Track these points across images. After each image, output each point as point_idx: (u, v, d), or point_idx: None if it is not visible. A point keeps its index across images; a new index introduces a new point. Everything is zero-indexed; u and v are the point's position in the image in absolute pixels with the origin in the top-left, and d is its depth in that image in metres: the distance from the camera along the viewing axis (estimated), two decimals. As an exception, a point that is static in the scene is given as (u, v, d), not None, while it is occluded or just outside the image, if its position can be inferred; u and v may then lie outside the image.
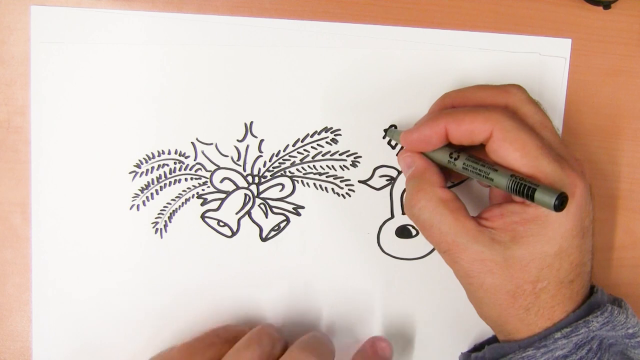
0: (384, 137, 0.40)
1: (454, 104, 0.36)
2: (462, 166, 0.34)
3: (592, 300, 0.34)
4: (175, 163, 0.40)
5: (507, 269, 0.32)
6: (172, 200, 0.40)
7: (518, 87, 0.35)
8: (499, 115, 0.32)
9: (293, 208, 0.40)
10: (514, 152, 0.31)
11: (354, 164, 0.40)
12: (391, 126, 0.40)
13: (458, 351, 0.40)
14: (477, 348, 0.39)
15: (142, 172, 0.39)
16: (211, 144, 0.40)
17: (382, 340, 0.39)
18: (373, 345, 0.39)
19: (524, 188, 0.30)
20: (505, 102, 0.34)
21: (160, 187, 0.40)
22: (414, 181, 0.35)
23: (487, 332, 0.40)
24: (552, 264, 0.32)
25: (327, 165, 0.40)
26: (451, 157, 0.34)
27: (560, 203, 0.30)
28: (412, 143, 0.35)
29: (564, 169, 0.32)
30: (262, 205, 0.40)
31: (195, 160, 0.40)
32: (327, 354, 0.36)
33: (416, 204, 0.34)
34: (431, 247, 0.41)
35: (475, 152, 0.34)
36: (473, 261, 0.32)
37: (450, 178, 0.40)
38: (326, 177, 0.40)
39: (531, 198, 0.30)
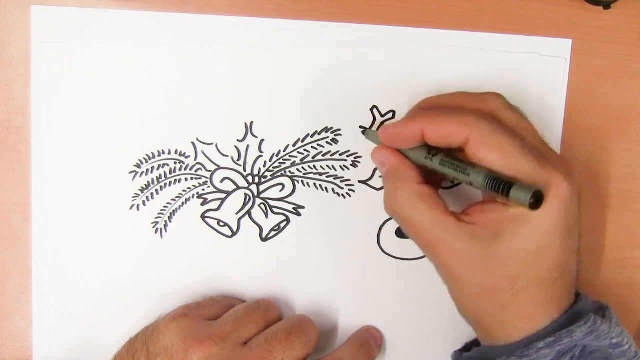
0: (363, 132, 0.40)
1: (431, 108, 0.36)
2: (439, 163, 0.34)
3: (576, 309, 0.33)
4: (175, 163, 0.40)
5: (486, 265, 0.32)
6: (172, 200, 0.40)
7: (496, 95, 0.35)
8: (475, 119, 0.32)
9: (293, 208, 0.40)
10: (492, 154, 0.31)
11: (354, 164, 0.40)
12: (367, 129, 0.40)
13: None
14: (469, 346, 0.39)
15: (142, 172, 0.39)
16: (211, 144, 0.40)
17: (376, 330, 0.41)
18: (367, 332, 0.41)
19: (500, 185, 0.31)
20: (483, 109, 0.34)
21: (161, 187, 0.40)
22: (390, 179, 0.35)
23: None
24: (533, 262, 0.32)
25: (327, 165, 0.40)
26: (429, 154, 0.34)
27: (536, 201, 0.30)
28: (389, 138, 0.36)
29: (546, 169, 0.32)
30: (262, 205, 0.40)
31: (195, 160, 0.40)
32: (312, 335, 0.37)
33: (395, 201, 0.34)
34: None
35: (455, 154, 0.34)
36: (452, 256, 0.33)
37: (440, 183, 0.40)
38: (326, 177, 0.40)
39: (507, 194, 0.30)
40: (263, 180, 0.40)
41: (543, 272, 0.32)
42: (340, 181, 0.40)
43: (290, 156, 0.40)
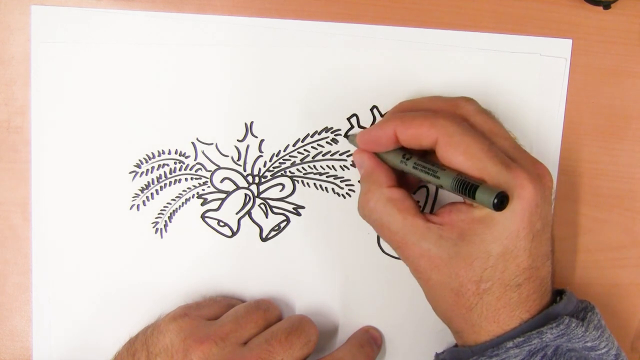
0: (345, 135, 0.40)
1: (405, 111, 0.37)
2: (413, 166, 0.34)
3: (550, 310, 0.34)
4: (175, 163, 0.40)
5: (452, 267, 0.33)
6: (172, 200, 0.40)
7: (468, 99, 0.36)
8: (445, 121, 0.33)
9: (293, 208, 0.40)
10: (458, 155, 0.32)
11: (354, 164, 0.40)
12: (350, 129, 0.40)
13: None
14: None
15: (142, 172, 0.39)
16: (211, 143, 0.40)
17: (376, 330, 0.41)
18: (367, 332, 0.41)
19: (467, 186, 0.31)
20: (455, 112, 0.35)
21: (161, 187, 0.40)
22: (364, 182, 0.36)
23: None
24: (496, 264, 0.32)
25: (327, 165, 0.40)
26: (404, 158, 0.35)
27: (500, 202, 0.30)
28: (365, 143, 0.36)
29: (513, 171, 0.32)
30: (262, 205, 0.40)
31: (195, 160, 0.40)
32: (312, 336, 0.37)
33: (366, 204, 0.35)
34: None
35: (431, 157, 0.35)
36: (421, 257, 0.33)
37: (416, 187, 0.40)
38: (326, 177, 0.40)
39: (473, 196, 0.31)
40: (263, 180, 0.40)
41: (507, 275, 0.32)
42: (340, 181, 0.40)
43: (290, 156, 0.40)
